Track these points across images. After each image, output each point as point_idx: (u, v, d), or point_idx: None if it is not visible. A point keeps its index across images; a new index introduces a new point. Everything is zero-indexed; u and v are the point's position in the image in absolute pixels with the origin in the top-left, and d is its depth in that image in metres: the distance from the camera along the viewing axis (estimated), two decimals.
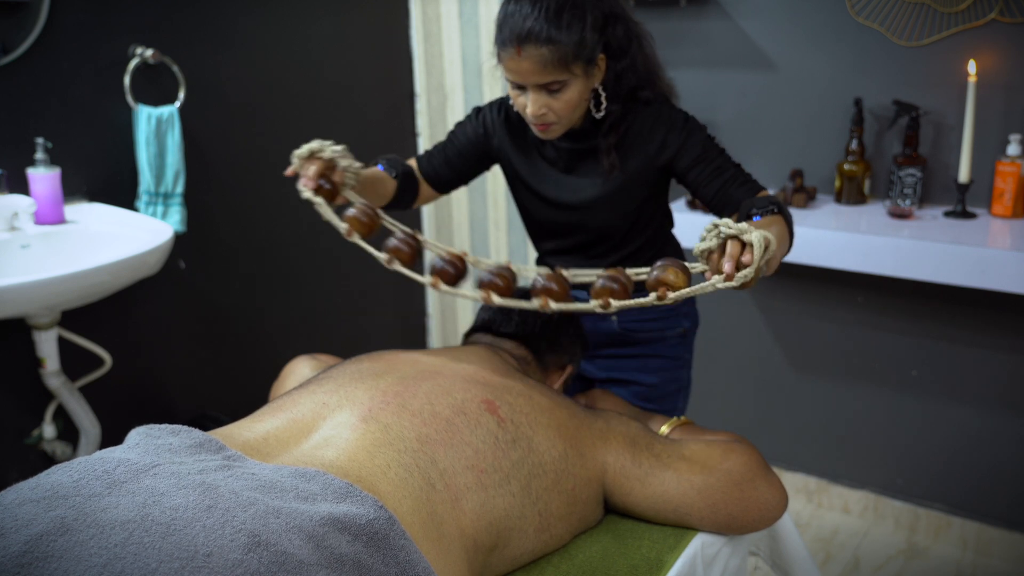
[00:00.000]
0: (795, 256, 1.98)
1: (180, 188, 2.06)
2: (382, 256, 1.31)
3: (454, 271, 1.33)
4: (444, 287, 1.30)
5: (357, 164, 1.32)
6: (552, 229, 1.53)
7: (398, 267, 1.30)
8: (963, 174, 1.96)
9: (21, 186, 1.86)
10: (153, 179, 2.02)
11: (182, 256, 2.17)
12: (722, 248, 1.10)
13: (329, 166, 1.29)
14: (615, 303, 1.18)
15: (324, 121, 2.52)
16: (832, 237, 1.92)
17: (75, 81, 1.92)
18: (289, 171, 1.32)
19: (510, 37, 1.28)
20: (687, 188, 1.42)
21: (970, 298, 2.08)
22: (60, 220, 1.85)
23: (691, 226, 2.07)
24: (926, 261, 1.83)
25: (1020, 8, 1.90)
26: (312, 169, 1.28)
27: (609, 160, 1.40)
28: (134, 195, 2.05)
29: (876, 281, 2.18)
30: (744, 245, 1.08)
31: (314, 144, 1.29)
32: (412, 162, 1.57)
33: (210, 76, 2.18)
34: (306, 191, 1.28)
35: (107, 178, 2.02)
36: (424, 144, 2.85)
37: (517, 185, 1.53)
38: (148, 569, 0.72)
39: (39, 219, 1.83)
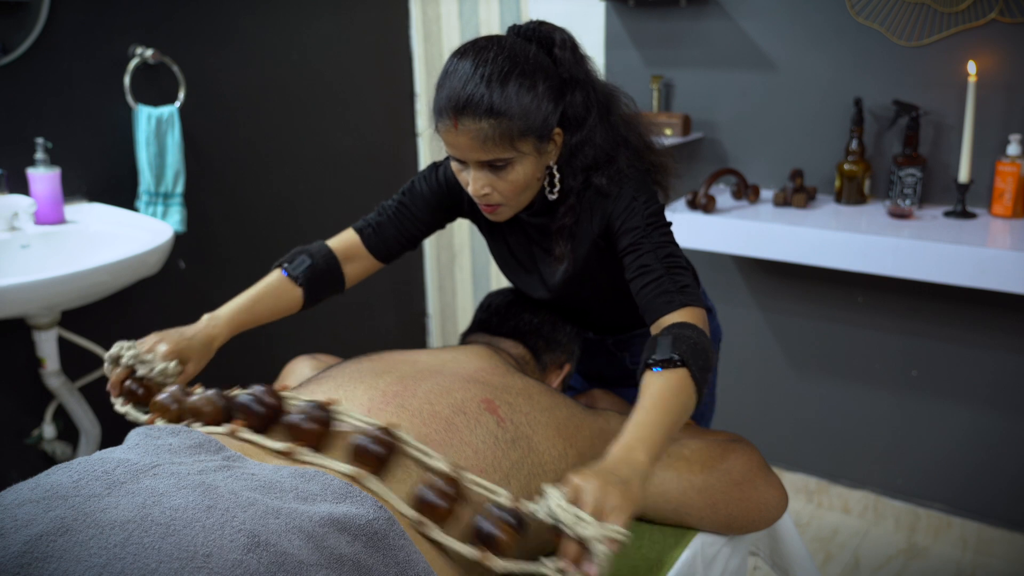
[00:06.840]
0: (795, 256, 1.98)
1: (180, 188, 2.06)
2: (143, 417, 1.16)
3: (176, 407, 1.10)
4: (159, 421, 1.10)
5: (161, 365, 1.19)
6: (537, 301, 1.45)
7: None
8: (963, 174, 1.96)
9: (21, 186, 1.86)
10: (153, 179, 2.02)
11: (182, 256, 2.17)
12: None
13: (131, 372, 1.20)
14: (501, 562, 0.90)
15: (324, 121, 2.52)
16: (832, 237, 1.92)
17: (75, 81, 1.92)
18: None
19: (446, 105, 1.11)
20: None
21: (970, 298, 2.08)
22: (60, 220, 1.85)
23: (691, 225, 2.07)
24: (926, 261, 1.83)
25: (1020, 8, 1.90)
26: (113, 377, 1.20)
27: (559, 249, 1.25)
28: (134, 195, 2.05)
29: (876, 281, 2.18)
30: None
31: (113, 350, 1.21)
32: (350, 236, 1.40)
33: (210, 76, 2.18)
34: (116, 403, 1.18)
35: (107, 178, 2.02)
36: (424, 144, 2.85)
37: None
38: (148, 569, 0.72)
39: (39, 219, 1.83)
